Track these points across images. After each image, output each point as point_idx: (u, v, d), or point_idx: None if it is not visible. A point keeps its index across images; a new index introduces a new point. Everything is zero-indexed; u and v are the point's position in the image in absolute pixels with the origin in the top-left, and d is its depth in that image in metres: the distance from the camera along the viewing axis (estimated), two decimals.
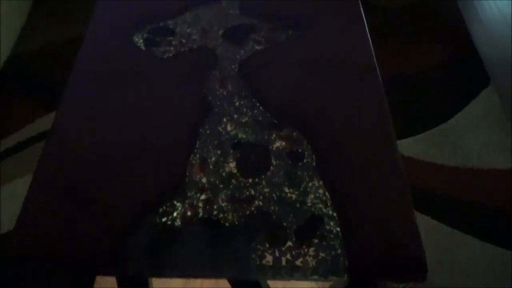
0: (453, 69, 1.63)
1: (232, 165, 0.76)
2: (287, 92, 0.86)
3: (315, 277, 0.66)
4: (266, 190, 0.73)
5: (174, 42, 0.94)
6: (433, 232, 1.26)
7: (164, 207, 0.71)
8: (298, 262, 0.67)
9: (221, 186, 0.74)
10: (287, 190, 0.73)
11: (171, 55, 0.92)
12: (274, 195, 0.73)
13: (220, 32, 0.97)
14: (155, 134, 0.79)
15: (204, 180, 0.74)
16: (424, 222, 1.26)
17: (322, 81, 0.87)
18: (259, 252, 0.68)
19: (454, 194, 1.33)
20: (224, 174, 0.75)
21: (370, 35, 0.94)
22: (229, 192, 0.73)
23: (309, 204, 0.72)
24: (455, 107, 1.53)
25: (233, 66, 0.90)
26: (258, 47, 0.94)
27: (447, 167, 1.38)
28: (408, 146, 1.42)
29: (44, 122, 1.46)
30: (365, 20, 1.00)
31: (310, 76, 0.88)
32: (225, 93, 0.86)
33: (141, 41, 0.94)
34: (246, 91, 0.86)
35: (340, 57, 0.91)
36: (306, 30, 0.97)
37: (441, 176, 1.35)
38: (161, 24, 0.98)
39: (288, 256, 0.67)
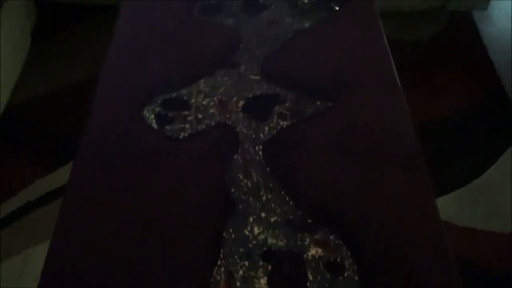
0: (481, 113, 1.53)
1: (263, 281, 0.66)
2: (320, 182, 0.76)
3: None
4: None
5: (189, 118, 0.84)
6: None
7: None
8: None
9: None
10: None
11: (186, 134, 0.82)
12: None
13: (240, 104, 0.87)
14: (172, 240, 0.69)
15: None
16: None
17: (359, 169, 0.77)
18: None
19: (493, 264, 1.23)
20: None
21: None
22: None
23: None
24: (488, 159, 1.43)
25: (256, 148, 0.80)
26: (283, 123, 0.84)
27: (483, 233, 1.28)
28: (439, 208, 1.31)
29: (45, 184, 1.35)
30: (399, 82, 0.90)
31: (345, 162, 0.78)
32: (249, 184, 0.76)
33: (152, 117, 0.84)
34: (273, 182, 0.76)
35: (377, 137, 0.81)
36: (335, 99, 0.87)
37: (478, 244, 1.25)
38: (174, 94, 0.88)
39: None
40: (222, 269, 0.67)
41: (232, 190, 0.75)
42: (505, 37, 1.71)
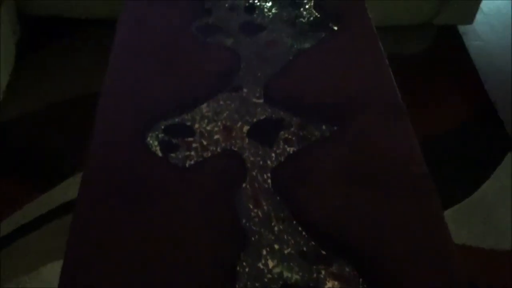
0: (472, 130, 1.54)
1: None
2: (331, 210, 0.75)
3: None
4: None
5: (194, 145, 0.82)
6: None
7: None
8: None
9: None
10: None
11: (192, 162, 0.80)
12: None
13: (245, 129, 0.85)
14: (182, 276, 0.67)
15: None
16: None
17: (369, 196, 0.76)
18: None
19: (493, 284, 1.23)
20: None
21: None
22: None
23: None
24: (481, 176, 1.44)
25: (265, 176, 0.79)
26: (290, 149, 0.83)
27: (483, 251, 1.29)
28: None
29: (35, 208, 1.30)
30: (403, 105, 0.89)
31: (355, 189, 0.77)
32: (260, 213, 0.74)
33: (156, 143, 0.82)
34: (284, 211, 0.74)
35: (386, 162, 0.80)
36: (341, 123, 0.86)
37: (477, 263, 1.25)
38: (176, 120, 0.86)
39: None
40: None
41: (243, 221, 0.73)
42: (491, 51, 1.73)
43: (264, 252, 0.70)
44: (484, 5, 1.77)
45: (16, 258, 1.21)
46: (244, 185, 0.78)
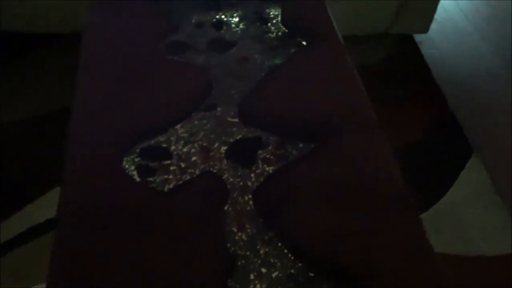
0: (433, 140, 1.58)
1: None
2: (315, 231, 0.75)
3: None
4: None
5: (172, 168, 0.81)
6: None
7: None
8: None
9: None
10: None
11: (172, 186, 0.78)
12: None
13: (223, 149, 0.84)
14: None
15: None
16: None
17: (352, 215, 0.76)
18: None
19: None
20: None
21: None
22: None
23: None
24: (445, 183, 1.48)
25: (246, 198, 0.78)
26: (269, 168, 0.82)
27: (451, 257, 1.32)
28: None
29: (12, 225, 1.24)
30: (376, 120, 0.90)
31: (337, 208, 0.77)
32: (244, 237, 0.73)
33: (132, 167, 0.80)
34: (269, 233, 0.74)
35: (366, 181, 0.81)
36: (318, 140, 0.86)
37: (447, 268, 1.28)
38: (152, 142, 0.84)
39: None
40: None
41: (228, 245, 0.72)
42: (447, 59, 1.78)
43: (252, 277, 0.70)
44: (437, 14, 1.82)
45: None
46: (226, 207, 0.77)
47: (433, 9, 1.72)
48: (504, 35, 1.85)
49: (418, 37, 1.87)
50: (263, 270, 0.70)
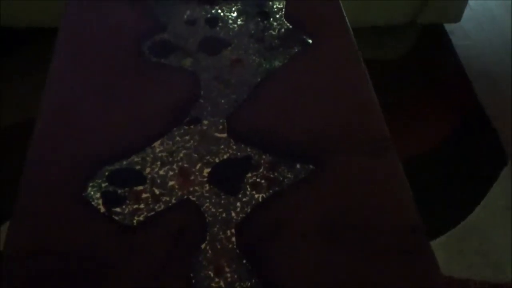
0: (461, 143, 1.41)
1: None
2: (309, 276, 0.62)
3: None
4: None
5: (144, 195, 0.69)
6: None
7: None
8: None
9: None
10: None
11: (141, 218, 0.66)
12: None
13: (206, 172, 0.72)
14: None
15: None
16: None
17: (354, 255, 0.63)
18: None
19: None
20: None
21: None
22: None
23: None
24: (474, 197, 1.32)
25: (228, 233, 0.65)
26: (258, 196, 0.69)
27: (477, 283, 1.17)
28: None
29: None
30: (389, 138, 0.76)
31: (336, 246, 0.64)
32: (223, 284, 0.61)
33: (97, 195, 0.68)
34: (252, 279, 0.61)
35: (372, 211, 0.67)
36: (319, 161, 0.73)
37: None
38: (124, 163, 0.72)
39: None
40: None
41: None
42: (482, 52, 1.61)
43: None
44: (470, 1, 1.64)
45: None
46: (203, 246, 0.64)
47: None
48: None
49: (449, 27, 1.69)
50: None
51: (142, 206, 0.68)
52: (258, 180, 0.71)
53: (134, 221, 0.66)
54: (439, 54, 1.62)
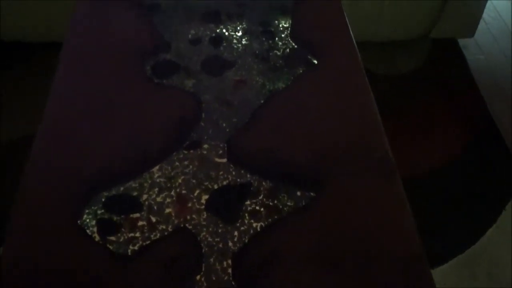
0: (474, 163, 1.38)
1: None
2: None
3: None
4: None
5: (140, 223, 0.67)
6: None
7: None
8: None
9: None
10: None
11: (136, 247, 0.65)
12: None
13: (204, 199, 0.70)
14: None
15: None
16: None
17: (353, 287, 0.61)
18: None
19: None
20: None
21: None
22: None
23: None
24: (486, 218, 1.28)
25: (225, 264, 0.64)
26: (256, 225, 0.68)
27: None
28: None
29: None
30: (394, 164, 0.74)
31: (338, 278, 0.62)
32: None
33: (92, 223, 0.67)
34: None
35: (374, 239, 0.65)
36: (320, 188, 0.71)
37: None
38: (121, 188, 0.71)
39: None
40: None
41: None
42: (496, 67, 1.57)
43: None
44: (485, 13, 1.61)
45: None
46: (198, 277, 0.63)
47: (480, 9, 1.51)
48: None
49: (462, 41, 1.66)
50: None
51: (137, 234, 0.67)
52: (257, 208, 0.70)
53: (129, 251, 0.65)
54: (452, 69, 1.59)
